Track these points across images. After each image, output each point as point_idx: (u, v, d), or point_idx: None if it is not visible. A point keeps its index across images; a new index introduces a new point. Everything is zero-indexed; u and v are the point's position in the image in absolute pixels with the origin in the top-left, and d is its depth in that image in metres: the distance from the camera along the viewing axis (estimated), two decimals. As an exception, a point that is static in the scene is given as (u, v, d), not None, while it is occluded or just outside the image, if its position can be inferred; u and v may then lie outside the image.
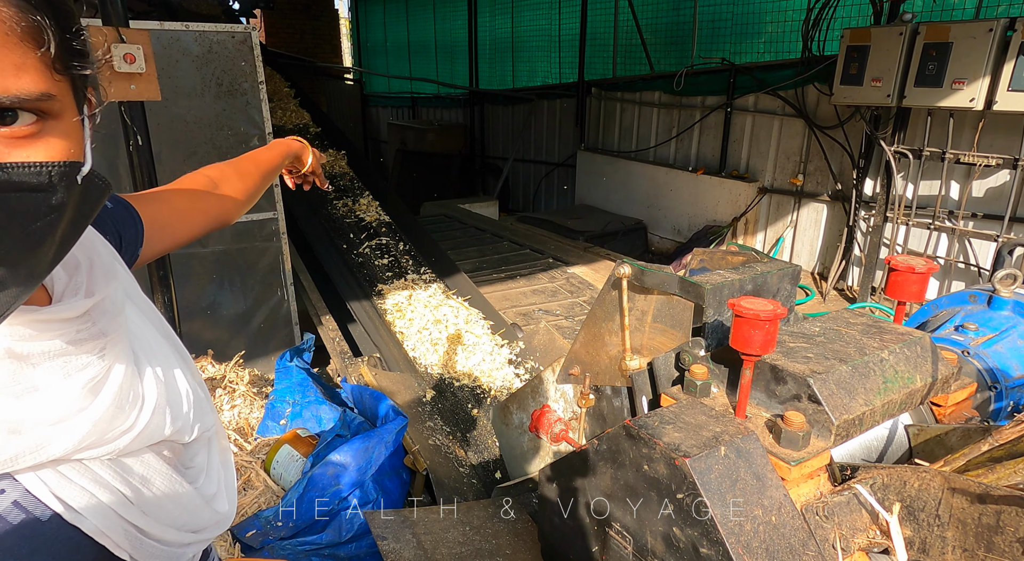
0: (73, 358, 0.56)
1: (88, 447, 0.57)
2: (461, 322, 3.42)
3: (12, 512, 0.54)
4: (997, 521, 0.99)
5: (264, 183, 1.20)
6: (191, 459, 0.72)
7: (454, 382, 3.00)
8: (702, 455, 1.07)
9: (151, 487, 0.63)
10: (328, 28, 12.77)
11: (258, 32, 2.99)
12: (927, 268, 1.39)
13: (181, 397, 0.68)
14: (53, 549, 0.56)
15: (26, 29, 0.44)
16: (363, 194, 5.24)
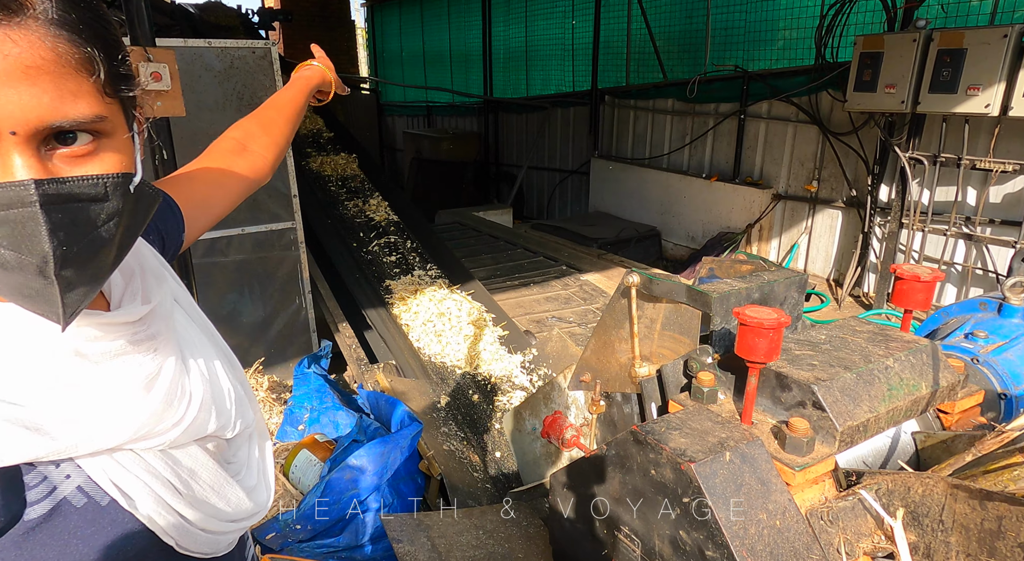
0: (130, 357, 0.62)
1: (142, 438, 0.62)
2: (464, 315, 3.56)
3: (76, 496, 0.59)
4: (999, 526, 1.00)
5: (292, 127, 1.19)
6: (233, 454, 0.76)
7: (456, 370, 3.13)
8: (707, 460, 1.10)
9: (198, 480, 0.68)
10: (345, 39, 12.98)
11: (277, 46, 3.08)
12: (932, 276, 1.41)
13: (224, 394, 0.73)
14: (110, 533, 0.61)
15: (79, 60, 0.49)
16: (373, 195, 5.44)
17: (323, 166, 5.89)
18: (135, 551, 0.64)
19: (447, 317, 3.55)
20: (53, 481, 0.58)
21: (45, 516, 0.58)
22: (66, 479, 0.59)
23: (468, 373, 3.13)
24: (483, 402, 2.94)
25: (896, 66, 4.12)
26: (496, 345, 3.32)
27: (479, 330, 3.43)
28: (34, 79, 0.47)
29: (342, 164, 5.90)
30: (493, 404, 2.92)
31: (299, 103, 1.23)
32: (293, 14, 10.03)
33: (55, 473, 0.59)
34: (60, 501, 0.59)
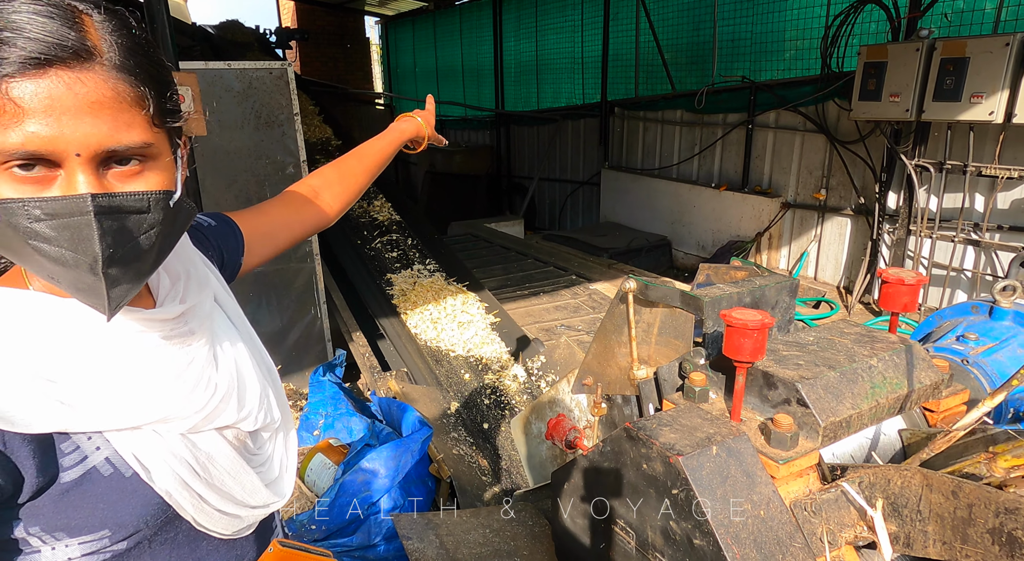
0: (164, 350, 0.71)
1: (163, 420, 0.70)
2: (458, 303, 3.92)
3: (104, 466, 0.69)
4: (970, 514, 1.06)
5: (371, 178, 1.30)
6: (259, 447, 0.85)
7: (450, 353, 3.40)
8: (694, 454, 1.17)
9: (215, 464, 0.75)
10: (360, 55, 13.24)
11: (293, 65, 3.21)
12: (916, 280, 1.47)
13: (248, 390, 0.81)
14: (132, 501, 0.70)
15: (134, 98, 0.61)
16: (377, 197, 5.80)
17: None
18: (154, 520, 0.72)
19: (442, 306, 3.90)
20: (85, 451, 0.67)
21: (77, 481, 0.67)
22: (96, 450, 0.68)
23: (460, 355, 3.42)
24: (463, 364, 3.30)
25: (900, 75, 4.17)
26: (487, 330, 3.62)
27: (472, 317, 3.74)
28: (97, 112, 0.58)
29: None
30: (472, 366, 3.29)
31: (386, 154, 1.35)
32: (309, 33, 10.28)
33: (87, 444, 0.68)
34: (90, 469, 0.68)
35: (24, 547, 0.67)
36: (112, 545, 0.70)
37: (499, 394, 3.18)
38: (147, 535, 0.73)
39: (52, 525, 0.66)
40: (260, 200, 3.53)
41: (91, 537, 0.68)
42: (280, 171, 3.29)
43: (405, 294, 4.10)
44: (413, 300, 3.99)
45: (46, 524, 0.66)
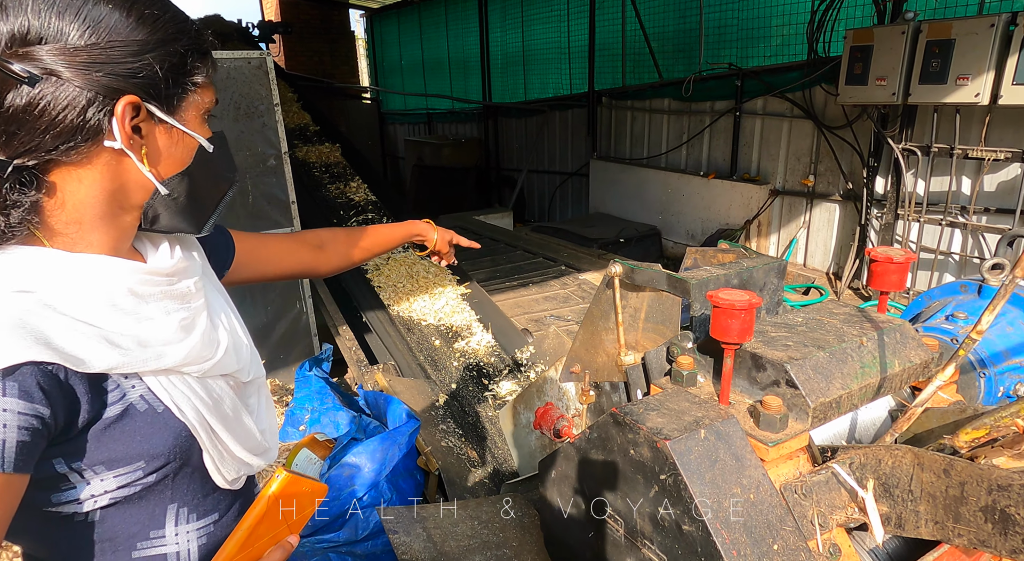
0: (169, 303, 0.82)
1: (187, 364, 0.81)
2: (431, 277, 4.16)
3: (140, 403, 0.78)
4: (961, 492, 1.04)
5: (369, 253, 1.42)
6: (247, 399, 0.95)
7: (421, 322, 3.69)
8: (682, 438, 1.14)
9: (223, 404, 0.87)
10: (345, 49, 13.10)
11: (272, 57, 3.15)
12: (905, 258, 1.45)
13: (242, 349, 0.94)
14: (164, 433, 0.80)
15: None
16: (353, 179, 6.03)
17: (308, 155, 6.40)
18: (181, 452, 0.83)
19: (415, 279, 4.13)
20: (124, 389, 0.77)
21: (119, 416, 0.76)
22: (132, 389, 0.78)
23: (432, 324, 3.69)
24: (435, 332, 3.59)
25: (886, 58, 4.15)
26: (458, 300, 3.88)
27: (442, 288, 4.01)
28: None
29: (326, 152, 6.46)
30: (443, 334, 3.57)
31: (392, 239, 1.48)
32: (293, 26, 10.15)
33: (125, 383, 0.77)
34: (128, 405, 0.77)
35: (62, 484, 0.74)
36: (144, 477, 0.79)
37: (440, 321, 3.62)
38: (173, 469, 0.82)
39: (93, 459, 0.74)
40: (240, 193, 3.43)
41: (127, 469, 0.77)
42: (261, 163, 3.23)
43: (379, 268, 4.33)
44: (387, 274, 4.23)
45: (88, 459, 0.74)
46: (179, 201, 0.82)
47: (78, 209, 0.74)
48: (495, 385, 3.12)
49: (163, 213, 0.82)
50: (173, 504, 0.86)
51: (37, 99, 0.66)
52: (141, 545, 0.84)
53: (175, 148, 0.79)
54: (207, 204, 0.87)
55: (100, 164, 0.73)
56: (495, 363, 3.29)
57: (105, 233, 0.77)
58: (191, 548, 0.89)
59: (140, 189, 0.78)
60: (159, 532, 0.85)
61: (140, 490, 0.80)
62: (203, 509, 0.91)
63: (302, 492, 0.91)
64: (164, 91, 0.75)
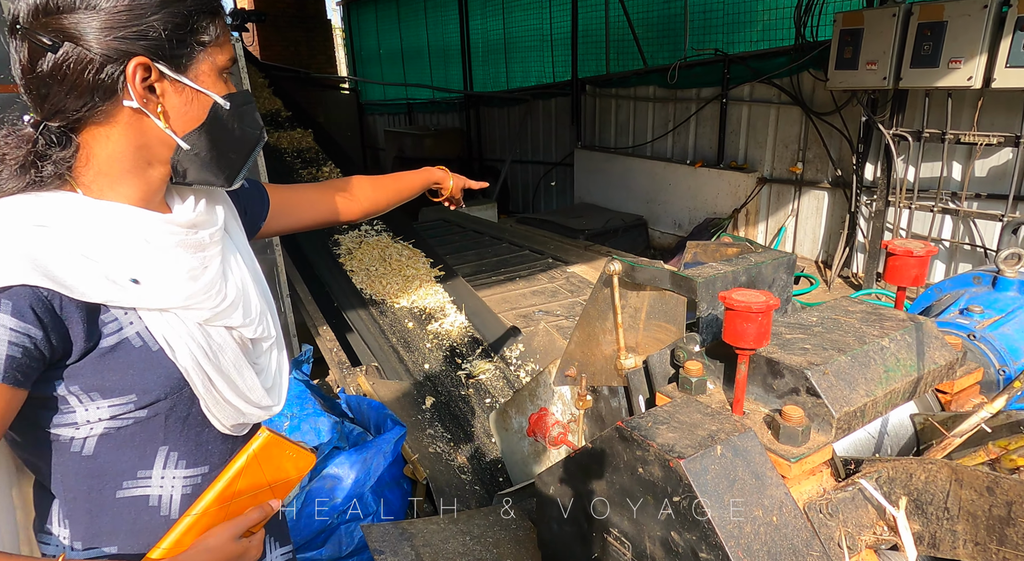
0: (182, 252, 0.86)
1: (184, 308, 0.85)
2: (404, 260, 4.19)
3: (135, 338, 0.82)
4: (1008, 513, 0.94)
5: (396, 197, 1.46)
6: (258, 358, 0.99)
7: (394, 304, 3.71)
8: (697, 455, 1.03)
9: (224, 354, 0.90)
10: (322, 39, 12.79)
11: (242, 43, 2.97)
12: (926, 251, 1.35)
13: (251, 305, 0.97)
14: (157, 371, 0.84)
15: None
16: (326, 163, 5.99)
17: (280, 141, 6.32)
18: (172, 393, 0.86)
19: (388, 262, 4.15)
20: (121, 323, 0.81)
21: (113, 347, 0.81)
22: (130, 324, 0.82)
23: (405, 306, 3.73)
24: (408, 314, 3.63)
25: (877, 42, 4.07)
26: (431, 283, 3.93)
27: (416, 271, 4.05)
28: None
29: (298, 138, 6.40)
30: (417, 317, 3.61)
31: (414, 185, 1.51)
32: (267, 15, 9.85)
33: (123, 318, 0.82)
34: (124, 339, 0.81)
35: (62, 405, 0.80)
36: (136, 410, 0.83)
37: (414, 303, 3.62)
38: (165, 408, 0.86)
39: (89, 385, 0.80)
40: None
41: (120, 400, 0.81)
42: (232, 156, 3.06)
43: (351, 252, 4.32)
44: (359, 257, 4.24)
45: (84, 384, 0.79)
46: (202, 156, 0.86)
47: (106, 163, 0.81)
48: (468, 364, 3.15)
49: (190, 168, 0.87)
50: (164, 446, 0.88)
51: (60, 63, 0.75)
52: (127, 484, 0.87)
53: (190, 106, 0.83)
54: (235, 159, 0.91)
55: (122, 123, 0.80)
56: (469, 343, 3.33)
57: (133, 186, 0.84)
58: (175, 495, 0.91)
59: (162, 145, 0.83)
60: (146, 472, 0.88)
61: (132, 424, 0.84)
62: (195, 458, 0.92)
63: (285, 455, 0.90)
64: (171, 51, 0.80)
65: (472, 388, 2.89)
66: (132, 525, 0.90)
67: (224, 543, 0.86)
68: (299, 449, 0.92)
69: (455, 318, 3.55)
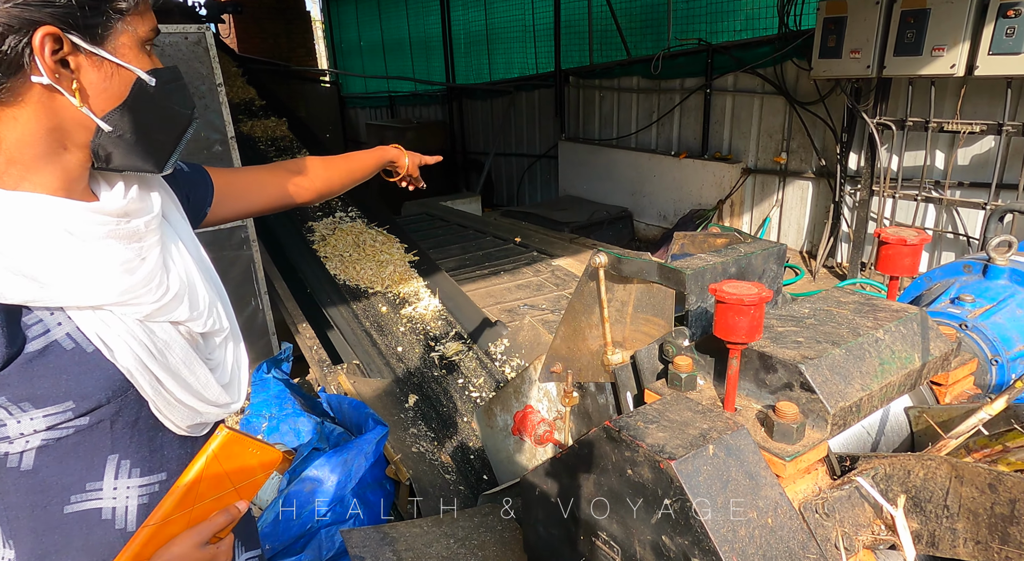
0: (114, 243, 0.78)
1: (120, 304, 0.77)
2: (378, 245, 4.18)
3: (66, 340, 0.75)
4: (1012, 510, 0.90)
5: (349, 177, 1.38)
6: (211, 353, 0.92)
7: (368, 289, 3.71)
8: (689, 456, 0.98)
9: (171, 352, 0.83)
10: (301, 31, 12.57)
11: (212, 31, 2.86)
12: (919, 239, 1.31)
13: (199, 297, 0.89)
14: (95, 374, 0.77)
15: None
16: (300, 151, 5.95)
17: (253, 129, 6.22)
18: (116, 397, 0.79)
19: (362, 248, 4.14)
20: (47, 325, 0.74)
21: (40, 351, 0.73)
22: (58, 326, 0.75)
23: (379, 291, 3.73)
24: (382, 300, 3.65)
25: (860, 30, 4.05)
26: (405, 267, 3.93)
27: (390, 256, 4.06)
28: None
29: (272, 126, 6.32)
30: (391, 301, 3.63)
31: (368, 168, 1.44)
32: (244, 6, 9.64)
33: (49, 319, 0.75)
34: (52, 342, 0.74)
35: None
36: (75, 418, 0.76)
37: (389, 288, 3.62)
38: (110, 413, 0.79)
39: (18, 395, 0.72)
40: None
41: (56, 409, 0.74)
42: (205, 149, 2.96)
43: (325, 239, 4.29)
44: (333, 244, 4.23)
45: (12, 394, 0.72)
46: (126, 138, 0.78)
47: (16, 149, 0.73)
48: (441, 346, 3.18)
49: (115, 152, 0.78)
50: (114, 455, 0.82)
51: None
52: (75, 498, 0.81)
53: (109, 82, 0.75)
54: (165, 141, 0.83)
55: (32, 102, 0.71)
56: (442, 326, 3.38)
57: (49, 173, 0.75)
58: (130, 505, 0.85)
59: (79, 127, 0.75)
60: (96, 484, 0.82)
61: (74, 435, 0.78)
62: (149, 465, 0.86)
63: (248, 453, 0.85)
64: (83, 20, 0.71)
65: (456, 384, 2.84)
66: (85, 541, 0.83)
67: (189, 551, 0.81)
68: (262, 445, 0.86)
69: (429, 302, 3.59)
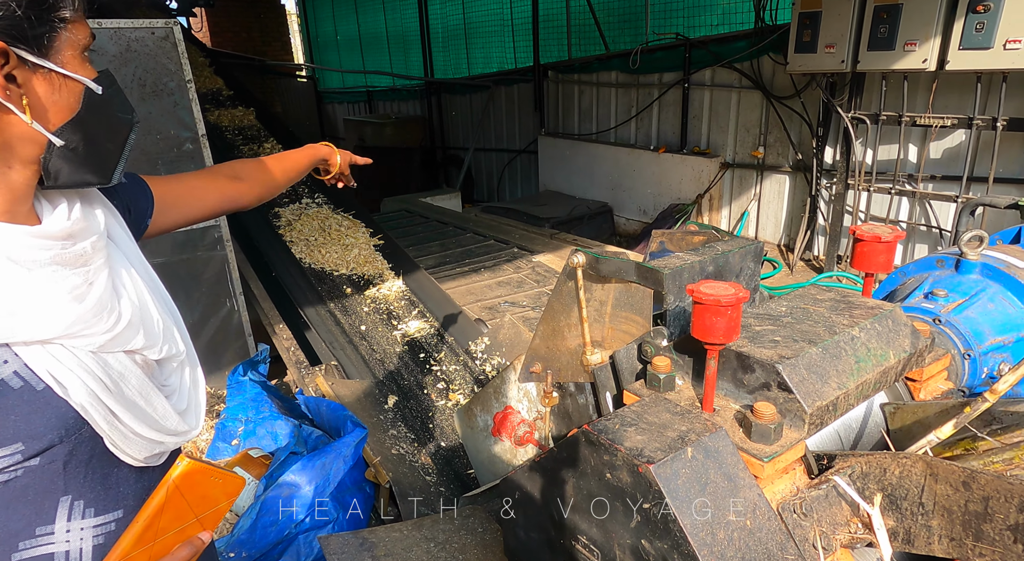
0: (60, 269, 0.73)
1: (71, 336, 0.72)
2: (344, 230, 4.29)
3: (13, 379, 0.70)
4: (985, 508, 0.91)
5: (284, 177, 1.36)
6: (166, 379, 0.88)
7: (334, 272, 3.84)
8: (667, 460, 0.98)
9: (127, 383, 0.78)
10: (276, 25, 12.37)
11: (180, 25, 2.79)
12: (893, 236, 1.31)
13: (153, 322, 0.85)
14: (46, 413, 0.72)
15: None
16: (268, 140, 5.99)
17: (220, 119, 6.22)
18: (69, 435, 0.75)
19: (327, 233, 4.24)
20: None
21: None
22: (3, 364, 0.70)
23: (344, 274, 3.85)
24: (346, 281, 3.78)
25: (835, 25, 4.08)
26: (370, 250, 4.07)
27: (355, 240, 4.16)
28: None
29: (239, 116, 6.34)
30: (355, 283, 3.76)
31: (300, 166, 1.41)
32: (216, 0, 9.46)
33: None
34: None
35: None
36: (24, 461, 0.72)
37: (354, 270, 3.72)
38: (62, 453, 0.75)
39: None
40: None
41: (3, 452, 0.70)
42: (176, 147, 2.89)
43: (291, 224, 4.36)
44: (299, 229, 4.30)
45: None
46: (79, 151, 0.74)
47: None
48: (404, 324, 3.32)
49: (65, 167, 0.74)
50: (66, 496, 0.77)
51: None
52: (23, 545, 0.76)
53: (59, 94, 0.72)
54: (111, 150, 0.79)
55: None
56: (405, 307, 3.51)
57: None
58: (84, 547, 0.80)
59: (29, 143, 0.71)
60: (47, 528, 0.77)
61: (23, 476, 0.73)
62: (104, 504, 0.81)
63: (211, 482, 0.82)
64: (29, 31, 0.67)
65: (436, 385, 2.81)
66: None
67: None
68: (225, 473, 0.83)
69: (393, 283, 3.73)
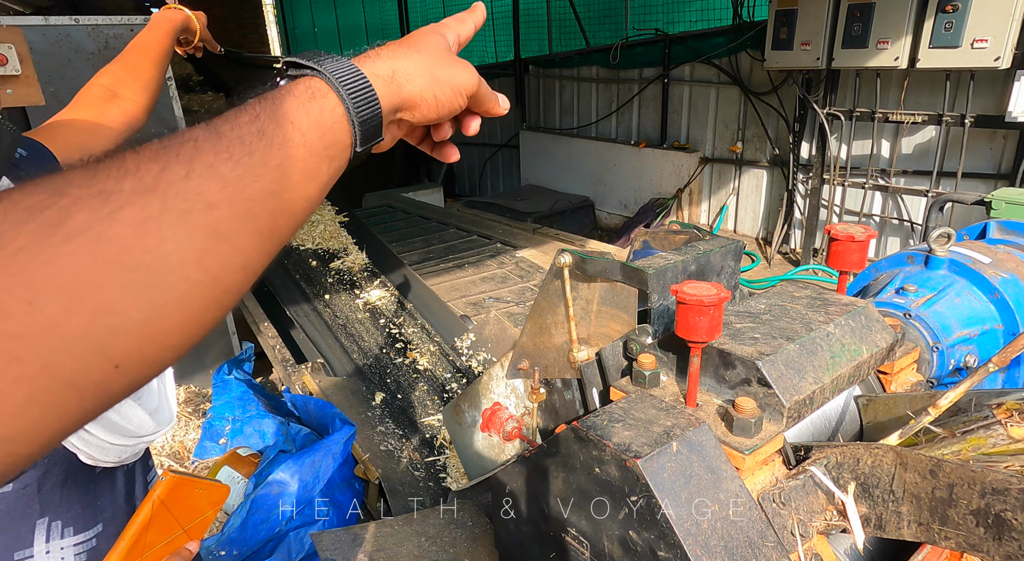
0: None
1: None
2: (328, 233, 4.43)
3: None
4: (950, 494, 0.97)
5: (161, 69, 1.22)
6: None
7: (300, 247, 4.10)
8: (654, 454, 1.02)
9: None
10: (252, 16, 12.18)
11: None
12: (867, 236, 1.37)
13: None
14: None
15: None
16: None
17: (190, 103, 6.23)
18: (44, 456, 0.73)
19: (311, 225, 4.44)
20: None
21: None
22: None
23: (310, 249, 4.13)
24: (312, 255, 4.05)
25: (811, 22, 4.16)
26: (335, 227, 4.35)
27: (321, 217, 4.46)
28: None
29: (208, 101, 6.43)
30: (320, 257, 4.03)
31: (165, 45, 1.24)
32: (190, -10, 9.28)
33: None
34: None
35: None
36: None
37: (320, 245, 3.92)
38: (35, 476, 0.74)
39: None
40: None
41: None
42: (156, 146, 2.86)
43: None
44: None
45: None
46: None
47: None
48: (366, 293, 3.55)
49: None
50: (43, 518, 0.77)
51: None
52: None
53: None
54: None
55: None
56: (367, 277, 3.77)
57: None
58: None
59: None
60: (26, 552, 0.76)
61: None
62: (83, 521, 0.81)
63: (195, 494, 0.83)
64: None
65: (421, 380, 2.84)
66: None
67: None
68: (209, 483, 0.85)
69: (356, 256, 3.99)
